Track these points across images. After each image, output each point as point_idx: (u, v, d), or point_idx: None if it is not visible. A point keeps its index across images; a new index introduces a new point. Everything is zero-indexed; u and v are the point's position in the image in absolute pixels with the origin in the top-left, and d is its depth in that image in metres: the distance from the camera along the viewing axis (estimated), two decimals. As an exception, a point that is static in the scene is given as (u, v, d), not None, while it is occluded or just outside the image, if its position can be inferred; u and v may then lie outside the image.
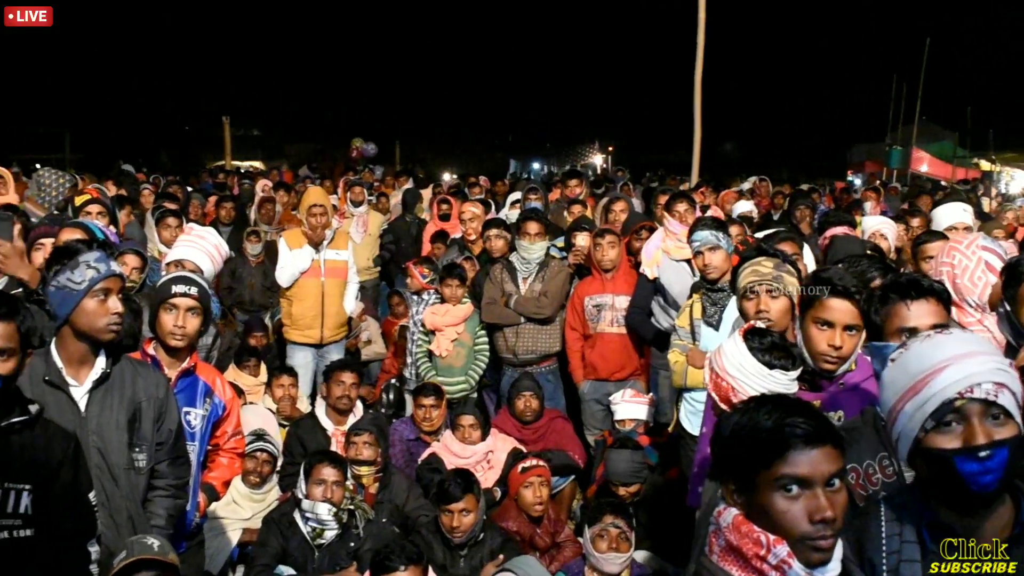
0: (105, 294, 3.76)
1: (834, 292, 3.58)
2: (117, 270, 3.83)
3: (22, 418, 3.28)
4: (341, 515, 5.49)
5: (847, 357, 3.58)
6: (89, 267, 3.76)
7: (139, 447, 3.93)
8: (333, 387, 6.77)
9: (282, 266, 8.32)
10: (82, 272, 3.75)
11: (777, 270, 4.48)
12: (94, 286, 3.74)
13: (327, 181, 16.02)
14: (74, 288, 3.74)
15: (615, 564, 5.34)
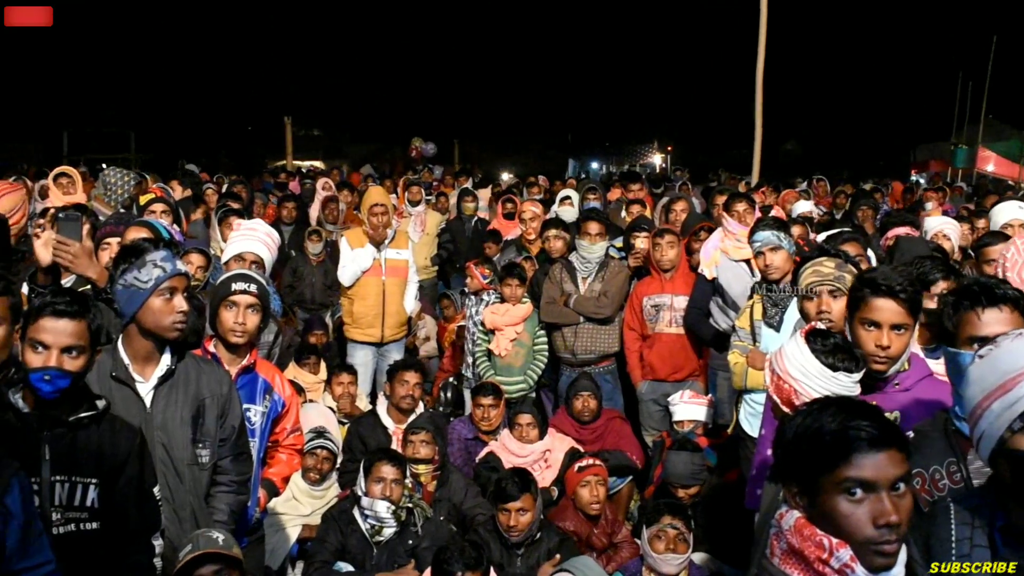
0: (171, 293, 3.81)
1: (879, 292, 3.52)
2: (183, 269, 3.89)
3: (90, 413, 3.34)
4: (400, 513, 5.51)
5: (896, 357, 3.52)
6: (156, 266, 3.81)
7: (202, 443, 3.98)
8: (397, 386, 6.81)
9: (343, 265, 8.38)
10: (149, 271, 3.80)
11: (839, 270, 4.43)
12: (160, 284, 3.79)
13: (387, 181, 16.12)
14: (141, 287, 3.80)
15: (673, 565, 5.30)
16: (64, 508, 3.30)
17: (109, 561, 3.38)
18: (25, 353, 3.28)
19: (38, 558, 2.99)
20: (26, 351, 3.28)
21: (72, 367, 3.26)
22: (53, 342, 3.24)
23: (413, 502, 5.65)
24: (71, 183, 8.64)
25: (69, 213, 4.63)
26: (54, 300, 3.29)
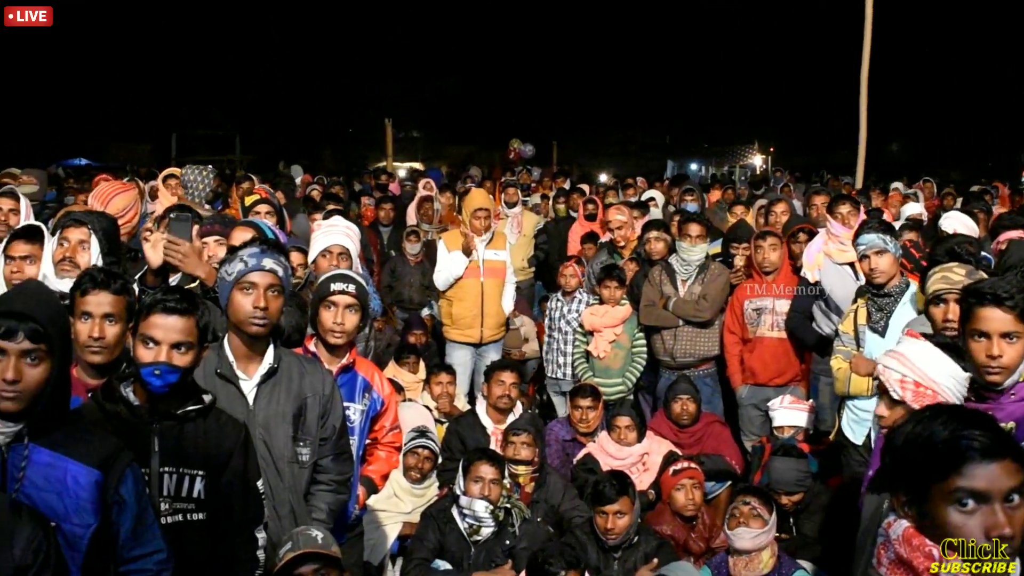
0: (251, 287, 3.87)
1: (985, 301, 3.43)
2: (268, 266, 3.91)
3: (197, 407, 3.44)
4: (498, 513, 5.53)
5: (1010, 366, 3.41)
6: (241, 260, 3.90)
7: (303, 441, 4.04)
8: (493, 387, 6.85)
9: (439, 269, 8.44)
10: (234, 265, 3.90)
11: (969, 277, 4.31)
12: (241, 278, 3.87)
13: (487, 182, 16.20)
14: (226, 279, 3.90)
15: (747, 539, 5.17)
16: (172, 499, 3.40)
17: (214, 551, 3.47)
18: (136, 348, 3.38)
19: (150, 546, 3.10)
20: (137, 346, 3.38)
21: (181, 362, 3.36)
22: (163, 338, 3.33)
23: (511, 503, 5.67)
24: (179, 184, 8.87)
25: (180, 214, 4.77)
26: (165, 297, 3.39)
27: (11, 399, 2.86)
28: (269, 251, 3.95)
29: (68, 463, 2.93)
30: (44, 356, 2.89)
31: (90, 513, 2.93)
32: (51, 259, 4.80)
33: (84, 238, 4.81)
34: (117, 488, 3.00)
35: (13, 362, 2.84)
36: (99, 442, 3.04)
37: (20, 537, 2.69)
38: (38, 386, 2.88)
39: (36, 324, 2.87)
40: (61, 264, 4.73)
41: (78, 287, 3.80)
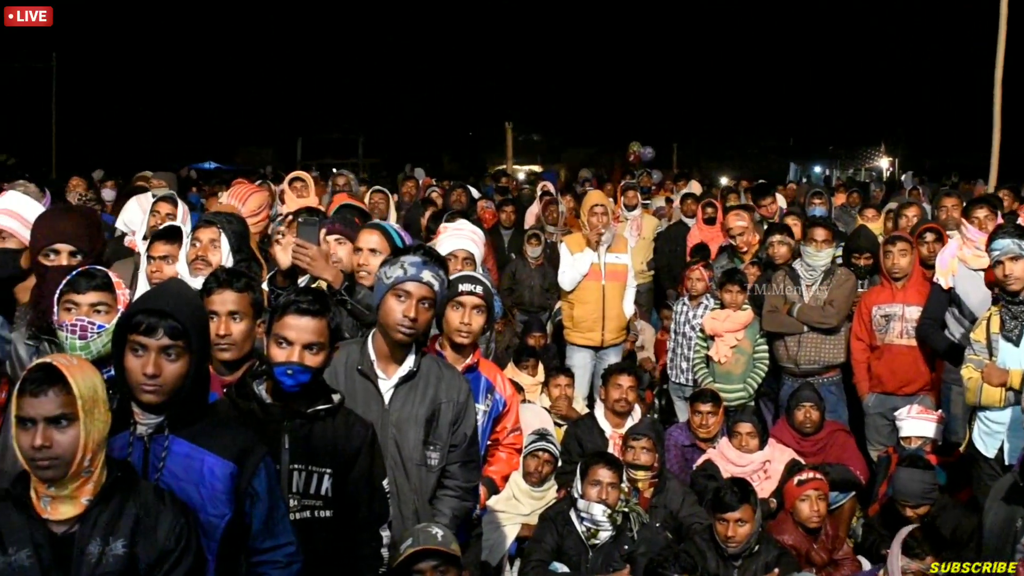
0: (406, 296, 3.91)
1: None
2: (426, 279, 3.94)
3: (326, 406, 3.52)
4: (615, 517, 5.52)
5: None
6: (402, 266, 3.94)
7: (433, 446, 4.05)
8: (611, 390, 6.84)
9: (563, 271, 8.45)
10: (395, 269, 3.95)
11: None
12: (397, 284, 3.93)
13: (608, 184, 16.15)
14: (383, 282, 3.97)
15: None
16: (300, 495, 3.47)
17: (340, 548, 3.54)
18: (270, 347, 3.47)
19: (281, 539, 3.18)
20: (271, 346, 3.46)
21: (312, 363, 3.43)
22: (296, 338, 3.41)
23: (629, 507, 5.64)
24: (304, 187, 9.07)
25: (308, 218, 4.89)
26: (298, 299, 3.46)
27: (152, 392, 2.99)
28: (431, 263, 3.99)
29: (205, 455, 3.04)
30: (183, 352, 3.01)
31: (225, 504, 3.04)
32: (185, 259, 4.98)
33: (214, 237, 4.97)
34: (251, 481, 3.09)
35: (153, 357, 2.97)
36: (235, 436, 3.15)
37: (164, 523, 2.82)
38: (177, 381, 3.01)
39: (175, 321, 2.99)
40: (194, 263, 4.90)
41: (205, 287, 3.93)
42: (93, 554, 2.73)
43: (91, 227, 4.45)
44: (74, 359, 2.84)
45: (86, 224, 4.42)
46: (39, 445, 2.66)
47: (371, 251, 4.78)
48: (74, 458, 2.69)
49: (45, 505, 2.75)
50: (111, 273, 3.73)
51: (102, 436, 2.78)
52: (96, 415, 2.74)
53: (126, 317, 3.08)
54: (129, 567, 2.76)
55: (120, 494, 2.81)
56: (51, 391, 2.69)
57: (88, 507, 2.75)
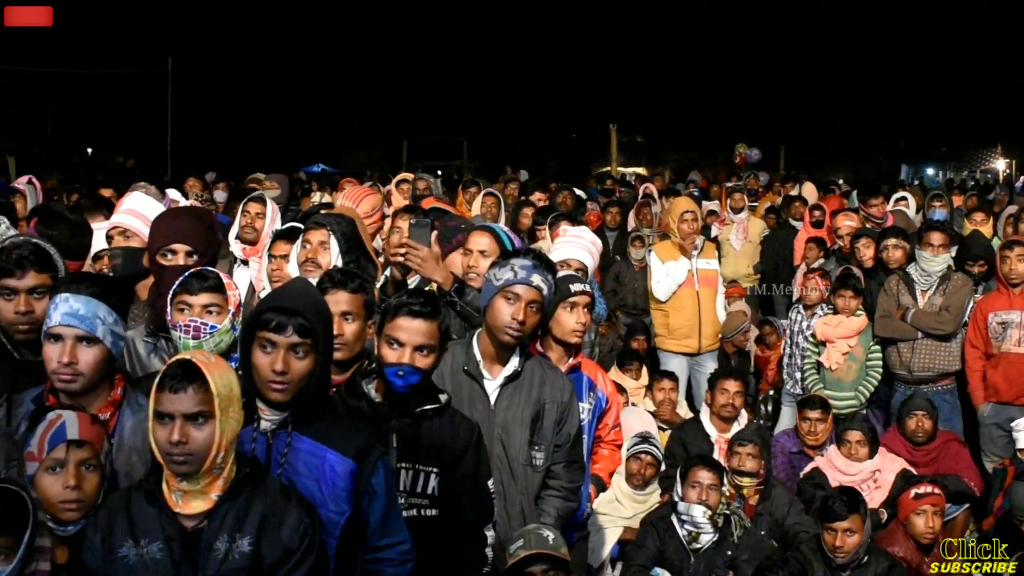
0: (514, 298, 3.94)
1: None
2: (535, 282, 3.97)
3: (433, 406, 3.55)
4: (716, 519, 5.46)
5: None
6: (512, 269, 3.97)
7: (538, 446, 4.07)
8: (717, 395, 6.77)
9: (657, 280, 8.40)
10: (504, 271, 3.98)
11: None
12: (507, 287, 3.95)
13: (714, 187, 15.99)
14: (493, 283, 3.99)
15: None
16: (408, 494, 3.52)
17: (446, 547, 3.57)
18: (381, 348, 3.52)
19: (396, 536, 3.24)
20: (382, 346, 3.51)
21: (423, 364, 3.47)
22: (408, 340, 3.45)
23: (731, 510, 5.59)
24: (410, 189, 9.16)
25: (419, 220, 4.93)
26: (410, 300, 3.52)
27: (279, 390, 3.05)
28: (540, 267, 4.01)
29: (327, 452, 3.10)
30: (309, 350, 3.07)
31: (345, 501, 3.09)
32: (296, 260, 5.06)
33: (324, 239, 5.02)
34: (369, 479, 3.14)
35: (282, 354, 3.03)
36: (355, 434, 3.20)
37: (289, 521, 2.87)
38: (303, 378, 3.07)
39: (304, 320, 3.05)
40: (304, 265, 4.97)
41: (318, 287, 3.99)
42: (220, 550, 2.79)
43: (207, 227, 4.53)
44: (212, 357, 2.90)
45: (202, 224, 4.50)
46: (176, 440, 2.72)
47: (480, 253, 4.81)
48: (208, 454, 2.75)
49: (177, 499, 2.82)
50: (223, 274, 3.80)
51: (235, 434, 2.84)
52: (231, 413, 2.81)
53: (255, 314, 3.15)
54: (254, 564, 2.80)
55: (248, 491, 2.86)
56: (190, 388, 2.75)
57: (217, 503, 2.81)
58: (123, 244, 4.86)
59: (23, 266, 3.66)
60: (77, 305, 3.22)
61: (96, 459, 3.02)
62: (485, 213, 8.62)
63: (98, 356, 3.25)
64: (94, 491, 2.99)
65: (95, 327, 3.23)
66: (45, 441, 2.98)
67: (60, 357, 3.18)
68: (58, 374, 3.19)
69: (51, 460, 2.96)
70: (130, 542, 2.80)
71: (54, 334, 3.22)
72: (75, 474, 2.95)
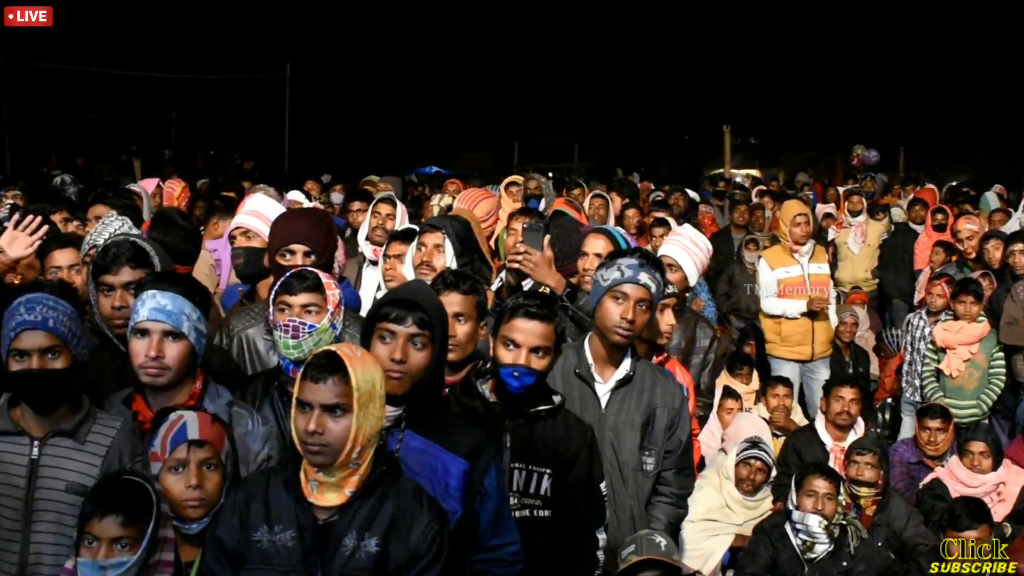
0: (623, 298, 3.92)
1: None
2: (643, 280, 3.94)
3: (547, 407, 3.56)
4: (832, 529, 5.37)
5: None
6: (618, 269, 3.96)
7: (649, 451, 4.05)
8: (832, 402, 6.64)
9: (767, 294, 8.26)
10: (611, 271, 3.98)
11: None
12: (614, 286, 3.94)
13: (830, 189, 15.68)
14: (600, 283, 4.00)
15: None
16: (520, 494, 3.54)
17: (557, 548, 3.58)
18: (497, 348, 3.55)
19: (506, 537, 3.25)
20: (498, 347, 3.54)
21: (538, 366, 3.49)
22: (524, 341, 3.47)
23: (847, 520, 5.48)
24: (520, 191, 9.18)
25: (533, 223, 4.96)
26: (527, 302, 3.54)
27: (396, 379, 3.08)
28: (647, 265, 4.00)
29: (439, 451, 3.12)
30: (428, 343, 3.12)
31: (457, 501, 3.10)
32: (411, 263, 5.13)
33: (439, 242, 5.08)
34: (482, 479, 3.16)
35: (401, 343, 3.09)
36: (468, 433, 3.22)
37: (418, 526, 2.85)
38: (420, 370, 3.11)
39: (423, 313, 3.10)
40: (420, 268, 5.03)
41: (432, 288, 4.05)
42: (348, 547, 2.79)
43: (324, 228, 4.61)
44: (358, 350, 2.91)
45: (319, 225, 4.60)
46: (311, 430, 2.74)
47: (597, 256, 4.81)
48: (343, 448, 2.75)
49: (312, 489, 2.83)
50: (321, 274, 3.85)
51: (374, 431, 2.83)
52: (371, 409, 2.80)
53: (375, 308, 3.22)
54: (379, 565, 2.80)
55: (381, 490, 2.86)
56: (331, 379, 2.76)
57: (350, 499, 2.81)
58: (245, 244, 4.98)
59: (119, 262, 3.80)
60: (164, 301, 3.29)
61: (217, 458, 3.09)
62: (593, 214, 8.61)
63: (183, 351, 3.32)
64: (216, 490, 3.06)
65: (181, 322, 3.30)
66: (167, 442, 3.06)
67: (147, 351, 3.26)
68: (145, 368, 3.28)
69: (173, 460, 3.04)
70: (264, 527, 2.84)
71: (141, 329, 3.29)
72: (196, 474, 3.02)
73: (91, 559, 2.75)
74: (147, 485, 2.84)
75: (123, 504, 2.78)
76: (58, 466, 3.20)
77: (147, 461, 3.10)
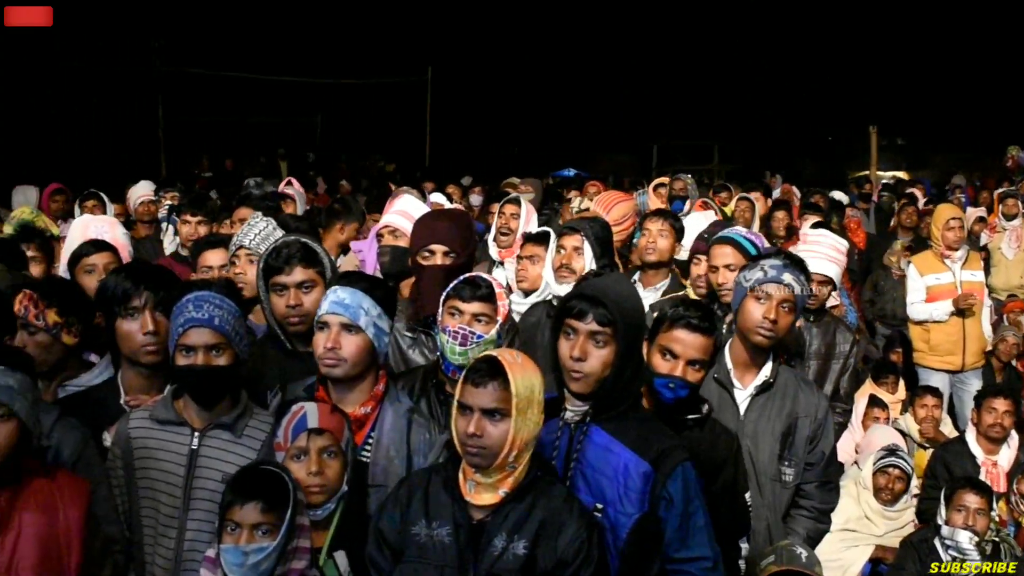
0: (765, 297, 3.89)
1: None
2: (786, 280, 3.91)
3: (695, 416, 3.56)
4: (984, 546, 5.19)
5: None
6: (761, 269, 3.94)
7: (788, 461, 3.99)
8: (984, 414, 6.41)
9: (913, 300, 8.01)
10: (753, 272, 3.94)
11: None
12: (756, 286, 3.91)
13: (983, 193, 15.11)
14: (742, 285, 3.96)
15: None
16: None
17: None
18: (652, 356, 3.53)
19: (696, 551, 3.14)
20: (653, 354, 3.53)
21: (693, 378, 3.50)
22: (682, 353, 3.48)
23: (1000, 537, 5.29)
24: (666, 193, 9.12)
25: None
26: (689, 314, 3.52)
27: (576, 379, 3.11)
28: (791, 267, 3.96)
29: (623, 450, 3.10)
30: (609, 340, 3.10)
31: (635, 503, 3.07)
32: (551, 265, 5.16)
33: (578, 244, 5.10)
34: (665, 484, 3.10)
35: (581, 341, 3.09)
36: (656, 436, 3.18)
37: (567, 532, 2.89)
38: (602, 368, 3.10)
39: (605, 309, 3.09)
40: (559, 271, 5.06)
41: None
42: (497, 547, 2.86)
43: (464, 229, 4.67)
44: (519, 356, 2.97)
45: (460, 226, 4.65)
46: (471, 432, 2.82)
47: (727, 267, 4.78)
48: (501, 451, 2.82)
49: (470, 489, 2.92)
50: (495, 283, 3.88)
51: (531, 436, 2.89)
52: (529, 415, 2.86)
53: (563, 302, 3.24)
54: (526, 568, 2.85)
55: (534, 495, 2.91)
56: (491, 384, 2.84)
57: (504, 500, 2.88)
58: (392, 243, 5.10)
59: (291, 262, 3.95)
60: (343, 295, 3.40)
61: (336, 446, 3.19)
62: (738, 217, 8.49)
63: (360, 345, 3.40)
64: (336, 476, 3.17)
65: (358, 316, 3.39)
66: (289, 431, 3.19)
67: (325, 343, 3.37)
68: (322, 359, 3.38)
69: (295, 449, 3.16)
70: (423, 521, 2.93)
71: (322, 322, 3.41)
72: (316, 461, 3.13)
73: (233, 545, 2.87)
74: (284, 474, 2.96)
75: (263, 492, 2.89)
76: (216, 457, 3.35)
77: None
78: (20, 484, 3.00)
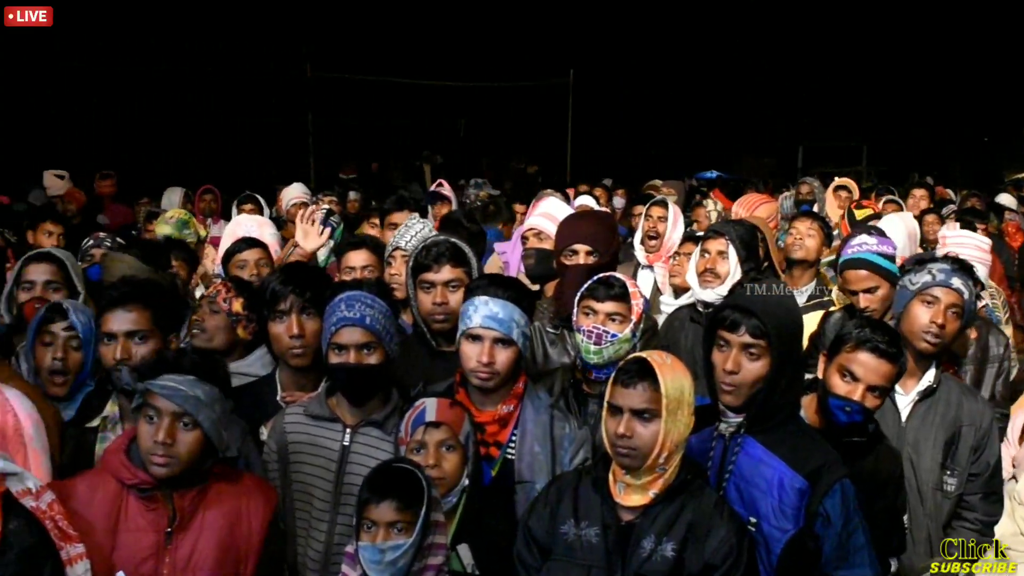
0: (933, 301, 3.86)
1: None
2: (956, 285, 3.86)
3: (861, 439, 3.47)
4: None
5: None
6: (929, 272, 3.89)
7: (951, 471, 3.89)
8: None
9: None
10: (920, 275, 3.91)
11: None
12: (923, 290, 3.88)
13: None
14: (908, 289, 3.93)
15: None
16: None
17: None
18: (830, 375, 3.46)
19: (856, 570, 3.07)
20: (832, 374, 3.45)
21: (871, 404, 3.40)
22: (864, 378, 3.39)
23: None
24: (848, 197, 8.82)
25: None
26: (877, 336, 3.42)
27: (728, 391, 3.10)
28: (960, 272, 3.89)
29: (778, 464, 3.06)
30: (763, 352, 3.07)
31: (789, 519, 3.02)
32: (694, 270, 5.12)
33: (723, 248, 5.04)
34: (822, 501, 3.03)
35: (733, 354, 3.08)
36: (813, 451, 3.12)
37: (715, 536, 2.87)
38: (756, 381, 3.08)
39: (758, 320, 3.05)
40: (703, 276, 5.01)
41: None
42: (646, 549, 2.86)
43: (607, 229, 4.70)
44: (668, 357, 2.97)
45: (602, 226, 4.69)
46: (621, 433, 2.83)
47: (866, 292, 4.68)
48: (651, 452, 2.83)
49: (620, 490, 2.93)
50: (628, 282, 3.89)
51: (682, 437, 2.88)
52: (679, 416, 2.85)
53: (715, 312, 3.23)
54: (674, 571, 2.83)
55: (683, 497, 2.90)
56: (640, 385, 2.85)
57: (653, 501, 2.88)
58: (537, 245, 5.14)
59: (440, 261, 4.02)
60: (496, 308, 3.44)
61: (455, 439, 3.22)
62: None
63: (512, 356, 3.47)
64: (455, 470, 3.21)
65: (511, 330, 3.44)
66: (409, 425, 3.25)
67: (479, 357, 3.42)
68: (476, 372, 3.44)
69: (414, 442, 3.22)
70: (571, 521, 2.96)
71: (474, 334, 3.45)
72: (434, 454, 3.18)
73: (370, 543, 2.90)
74: (418, 472, 2.98)
75: (398, 490, 2.92)
76: (366, 454, 3.43)
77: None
78: (207, 487, 3.11)
